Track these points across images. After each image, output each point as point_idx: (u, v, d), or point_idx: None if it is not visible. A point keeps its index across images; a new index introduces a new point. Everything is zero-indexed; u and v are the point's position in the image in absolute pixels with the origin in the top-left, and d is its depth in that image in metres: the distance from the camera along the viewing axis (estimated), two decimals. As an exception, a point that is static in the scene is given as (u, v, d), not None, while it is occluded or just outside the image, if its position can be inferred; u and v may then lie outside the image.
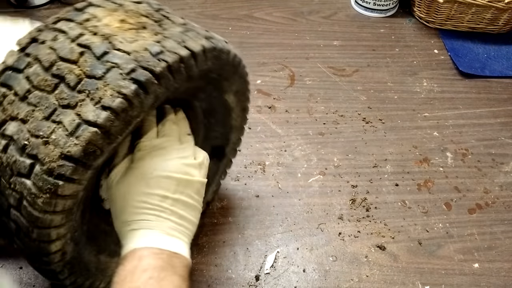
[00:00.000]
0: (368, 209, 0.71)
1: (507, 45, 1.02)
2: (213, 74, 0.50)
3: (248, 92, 0.59)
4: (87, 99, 0.38)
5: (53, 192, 0.38)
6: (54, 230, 0.40)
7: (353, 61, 0.96)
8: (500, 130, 0.85)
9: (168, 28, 0.44)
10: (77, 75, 0.39)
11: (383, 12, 1.07)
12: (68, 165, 0.38)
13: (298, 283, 0.62)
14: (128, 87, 0.38)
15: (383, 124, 0.84)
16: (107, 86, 0.38)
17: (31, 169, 0.38)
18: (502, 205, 0.73)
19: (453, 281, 0.63)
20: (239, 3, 1.08)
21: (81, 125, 0.38)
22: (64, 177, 0.38)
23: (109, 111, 0.38)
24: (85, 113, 0.38)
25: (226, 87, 0.54)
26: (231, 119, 0.61)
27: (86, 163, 0.38)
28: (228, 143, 0.64)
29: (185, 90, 0.48)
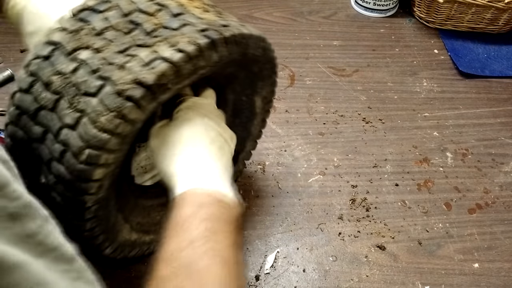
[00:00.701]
0: (368, 209, 0.71)
1: (507, 45, 1.02)
2: (255, 67, 0.54)
3: (271, 103, 0.64)
4: (164, 41, 0.41)
5: (119, 111, 0.39)
6: (106, 153, 0.41)
7: (353, 61, 0.96)
8: (500, 130, 0.85)
9: (226, 17, 0.49)
10: (155, 23, 0.43)
11: (383, 12, 1.07)
12: (139, 89, 0.40)
13: (298, 283, 0.62)
14: (202, 39, 0.42)
15: (383, 124, 0.84)
16: (184, 35, 0.42)
17: (100, 89, 0.40)
18: (502, 205, 0.73)
19: (453, 281, 0.63)
20: (239, 3, 1.08)
21: (157, 59, 0.40)
22: (133, 99, 0.40)
23: (184, 53, 0.41)
24: (162, 51, 0.41)
25: (259, 88, 0.59)
26: (252, 125, 0.64)
27: (156, 92, 0.41)
28: (243, 150, 0.66)
29: (228, 75, 0.54)
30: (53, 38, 0.43)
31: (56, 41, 0.43)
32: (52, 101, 0.42)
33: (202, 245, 0.38)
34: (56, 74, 0.42)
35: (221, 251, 0.39)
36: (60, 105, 0.41)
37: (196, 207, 0.41)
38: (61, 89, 0.41)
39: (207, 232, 0.39)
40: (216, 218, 0.41)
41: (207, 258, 0.38)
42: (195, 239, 0.39)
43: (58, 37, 0.43)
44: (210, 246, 0.39)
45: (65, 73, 0.41)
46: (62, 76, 0.41)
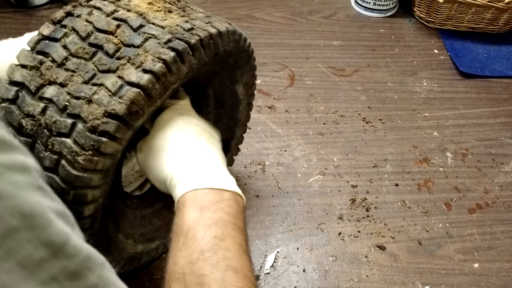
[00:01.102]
0: (368, 209, 0.71)
1: (507, 45, 1.02)
2: (230, 59, 0.53)
3: (254, 86, 0.62)
4: (128, 64, 0.40)
5: (96, 149, 0.39)
6: (91, 191, 0.41)
7: (353, 61, 0.96)
8: (500, 130, 0.85)
9: (191, 13, 0.46)
10: (115, 43, 0.41)
11: (383, 12, 1.07)
12: (112, 123, 0.39)
13: (298, 283, 0.62)
14: (167, 54, 0.41)
15: (383, 124, 0.84)
16: (147, 52, 0.41)
17: (72, 128, 0.39)
18: (502, 205, 0.73)
19: (453, 281, 0.63)
20: (239, 3, 1.08)
21: (124, 86, 0.39)
22: (108, 134, 0.39)
23: (151, 74, 0.40)
24: (128, 75, 0.40)
25: (238, 76, 0.57)
26: (238, 112, 0.63)
27: (129, 122, 0.40)
28: (233, 138, 0.66)
29: (204, 74, 0.52)
30: (15, 78, 0.41)
31: (18, 81, 0.41)
32: (27, 145, 0.41)
33: (213, 255, 0.38)
34: (26, 116, 0.40)
35: (233, 260, 0.38)
36: (36, 149, 0.41)
37: (199, 211, 0.41)
38: (33, 133, 0.40)
39: (216, 240, 0.39)
40: (221, 221, 0.40)
41: (219, 272, 0.37)
42: (204, 249, 0.38)
43: (19, 76, 0.41)
44: (221, 256, 0.38)
45: (34, 115, 0.40)
46: (31, 118, 0.40)
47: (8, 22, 0.97)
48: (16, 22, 0.97)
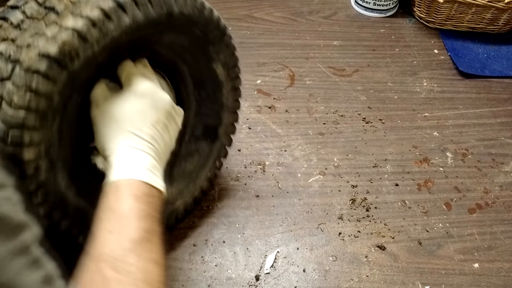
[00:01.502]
0: (368, 209, 0.71)
1: (507, 45, 1.02)
2: (197, 30, 0.53)
3: (237, 68, 0.62)
4: (69, 15, 0.43)
5: (28, 87, 0.41)
6: (28, 132, 0.42)
7: (353, 61, 0.96)
8: (500, 130, 0.85)
9: None
10: (65, 3, 0.44)
11: (383, 12, 1.07)
12: (44, 61, 0.41)
13: (298, 283, 0.62)
14: (107, 3, 0.43)
15: (383, 124, 0.84)
16: (88, 4, 0.43)
17: (12, 71, 0.42)
18: (502, 205, 0.73)
19: (453, 281, 0.63)
20: (239, 3, 1.08)
21: (61, 31, 0.42)
22: (40, 72, 0.41)
23: (86, 19, 0.42)
24: (66, 22, 0.42)
25: (213, 53, 0.58)
26: (221, 95, 0.63)
27: (62, 62, 0.42)
28: (220, 124, 0.65)
29: (170, 44, 0.54)
30: None
31: None
32: None
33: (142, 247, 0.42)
34: None
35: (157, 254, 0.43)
36: None
37: (133, 201, 0.44)
38: None
39: (145, 233, 0.43)
40: (151, 216, 0.44)
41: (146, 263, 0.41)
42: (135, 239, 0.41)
43: None
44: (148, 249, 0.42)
45: None
46: None
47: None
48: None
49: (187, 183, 0.66)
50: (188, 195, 0.66)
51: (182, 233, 0.66)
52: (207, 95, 0.63)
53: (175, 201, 0.64)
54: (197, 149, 0.66)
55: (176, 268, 0.62)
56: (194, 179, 0.66)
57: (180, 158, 0.65)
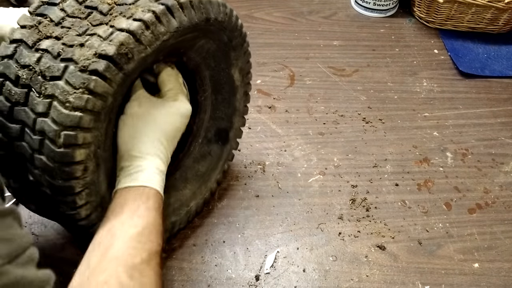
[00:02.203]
0: (368, 209, 0.71)
1: (507, 45, 1.02)
2: (224, 35, 0.55)
3: (250, 75, 0.64)
4: (119, 16, 0.43)
5: (86, 87, 0.40)
6: (81, 132, 0.42)
7: (353, 61, 0.96)
8: (500, 130, 0.85)
9: None
10: (109, 3, 0.44)
11: (383, 12, 1.07)
12: (102, 62, 0.41)
13: (298, 283, 0.62)
14: (157, 6, 0.44)
15: (383, 124, 0.84)
16: (138, 7, 0.44)
17: (64, 70, 0.41)
18: (502, 205, 0.73)
19: (453, 281, 0.63)
20: (239, 3, 1.08)
21: (115, 32, 0.42)
22: (98, 73, 0.41)
23: (140, 22, 0.42)
24: (118, 23, 0.42)
25: (233, 59, 0.59)
26: (235, 99, 0.64)
27: (119, 63, 0.42)
28: (232, 127, 0.67)
29: (199, 49, 0.55)
30: (14, 36, 0.44)
31: (17, 39, 0.44)
32: (23, 95, 0.42)
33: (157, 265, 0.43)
34: (22, 68, 0.42)
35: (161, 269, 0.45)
36: (30, 97, 0.42)
37: (158, 216, 0.46)
38: (28, 82, 0.42)
39: (160, 249, 0.45)
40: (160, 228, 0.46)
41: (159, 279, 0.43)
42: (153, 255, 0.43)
43: (19, 34, 0.44)
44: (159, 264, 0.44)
45: (29, 65, 0.42)
46: (27, 68, 0.42)
47: None
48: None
49: (199, 185, 0.66)
50: (200, 197, 0.66)
51: (182, 233, 0.66)
52: (223, 99, 0.65)
53: (189, 203, 0.65)
54: (209, 152, 0.67)
55: (176, 268, 0.62)
56: (206, 181, 0.67)
57: (194, 160, 0.67)
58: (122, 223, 0.43)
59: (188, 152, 0.66)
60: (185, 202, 0.64)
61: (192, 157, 0.67)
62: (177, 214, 0.63)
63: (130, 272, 0.40)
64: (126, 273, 0.40)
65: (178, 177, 0.65)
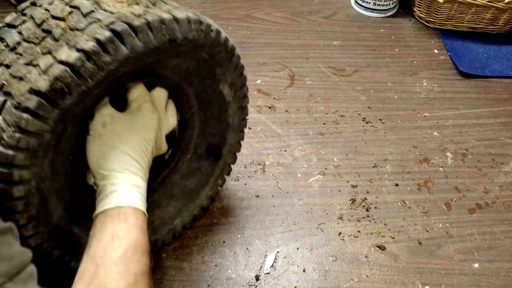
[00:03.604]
0: (368, 209, 0.71)
1: (507, 45, 1.02)
2: (203, 53, 0.50)
3: (245, 88, 0.59)
4: (64, 45, 0.40)
5: (18, 125, 0.39)
6: (17, 170, 0.40)
7: (353, 61, 0.96)
8: (500, 130, 0.85)
9: (159, 6, 0.46)
10: (63, 28, 0.41)
11: (383, 12, 1.07)
12: (34, 99, 0.39)
13: (298, 283, 0.62)
14: (103, 33, 0.40)
15: (383, 124, 0.84)
16: (85, 34, 0.40)
17: (3, 105, 0.40)
18: (502, 205, 0.73)
19: (453, 281, 0.63)
20: (239, 3, 1.08)
21: (54, 64, 0.39)
22: (30, 111, 0.39)
23: (81, 53, 0.39)
24: (60, 54, 0.40)
25: (219, 75, 0.55)
26: (227, 115, 0.60)
27: (53, 99, 0.39)
28: (225, 143, 0.63)
29: (175, 68, 0.51)
30: None
31: None
32: None
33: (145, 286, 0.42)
34: None
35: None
36: None
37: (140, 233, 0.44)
38: None
39: (148, 269, 0.43)
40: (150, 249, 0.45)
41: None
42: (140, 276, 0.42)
43: None
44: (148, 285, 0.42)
45: None
46: None
47: (8, 22, 0.97)
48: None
49: (186, 202, 0.64)
50: (187, 214, 0.64)
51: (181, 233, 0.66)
52: (212, 115, 0.61)
53: (173, 221, 0.63)
54: (199, 168, 0.64)
55: (176, 268, 0.62)
56: (194, 198, 0.65)
57: (181, 176, 0.64)
58: (104, 249, 0.42)
59: (175, 168, 0.64)
60: (168, 220, 0.62)
61: (180, 173, 0.64)
62: (158, 232, 0.61)
63: None
64: None
65: (161, 194, 0.63)
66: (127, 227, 0.43)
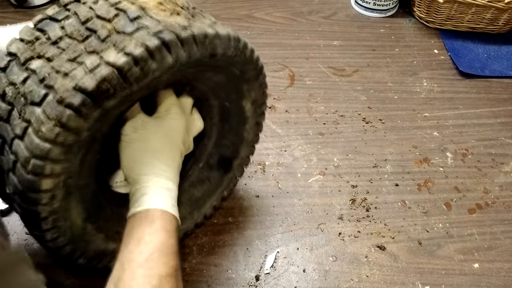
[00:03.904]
0: (368, 209, 0.71)
1: (507, 45, 1.02)
2: (235, 69, 0.52)
3: (264, 106, 0.61)
4: (112, 47, 0.41)
5: (59, 120, 0.39)
6: (50, 164, 0.41)
7: (353, 61, 0.96)
8: (500, 130, 0.85)
9: (198, 19, 0.46)
10: (108, 30, 0.42)
11: (383, 12, 1.07)
12: (79, 96, 0.39)
13: (298, 283, 0.62)
14: (152, 41, 0.41)
15: (383, 124, 0.84)
16: (134, 38, 0.41)
17: (44, 98, 0.40)
18: (502, 205, 0.73)
19: (453, 281, 0.63)
20: (239, 3, 1.08)
21: (101, 65, 0.40)
22: (73, 107, 0.39)
23: (129, 57, 0.40)
24: (108, 56, 0.40)
25: (245, 91, 0.57)
26: (244, 130, 0.62)
27: (97, 99, 0.40)
28: (237, 157, 0.65)
29: (207, 81, 0.53)
30: (11, 49, 0.43)
31: (12, 52, 0.43)
32: (6, 111, 0.42)
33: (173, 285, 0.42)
34: (10, 84, 0.42)
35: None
36: (12, 116, 0.42)
37: (167, 236, 0.44)
38: (13, 100, 0.41)
39: (175, 272, 0.44)
40: (178, 252, 0.46)
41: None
42: (165, 279, 0.42)
43: (15, 48, 0.43)
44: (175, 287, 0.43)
45: (16, 83, 0.41)
46: (14, 86, 0.42)
47: (8, 22, 0.97)
48: (16, 22, 0.97)
49: (192, 210, 0.65)
50: (191, 221, 0.65)
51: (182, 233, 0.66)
52: (230, 128, 0.62)
53: None
54: (208, 178, 0.65)
55: (176, 268, 0.62)
56: (199, 206, 0.65)
57: (190, 184, 0.65)
58: (130, 252, 0.42)
59: (185, 176, 0.64)
60: None
61: (189, 181, 0.65)
62: None
63: None
64: None
65: None
66: (154, 230, 0.44)
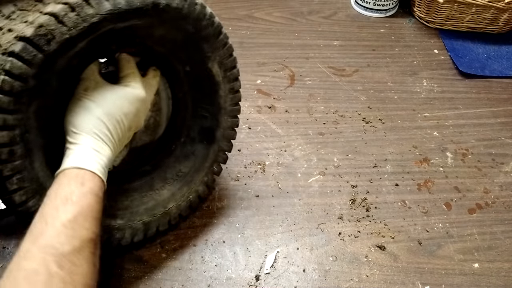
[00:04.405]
0: (368, 209, 0.71)
1: (507, 45, 1.02)
2: (188, 26, 0.53)
3: (235, 70, 0.61)
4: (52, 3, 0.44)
5: (3, 68, 0.42)
6: (1, 114, 0.42)
7: (353, 61, 0.96)
8: (500, 130, 0.85)
9: None
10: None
11: (383, 12, 1.07)
12: (19, 43, 0.42)
13: (298, 283, 0.62)
14: None
15: (383, 124, 0.84)
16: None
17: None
18: (502, 205, 0.73)
19: (453, 281, 0.63)
20: (239, 3, 1.08)
21: (40, 16, 0.43)
22: (15, 54, 0.42)
23: (65, 4, 0.43)
24: (47, 9, 0.44)
25: (208, 52, 0.57)
26: (218, 96, 0.62)
27: (38, 44, 0.42)
28: (218, 126, 0.64)
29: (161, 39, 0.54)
30: None
31: None
32: None
33: (91, 254, 0.43)
34: None
35: (98, 258, 0.44)
36: None
37: (94, 201, 0.44)
38: None
39: (96, 237, 0.44)
40: (101, 219, 0.46)
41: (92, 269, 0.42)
42: (86, 242, 0.42)
43: None
44: (94, 253, 0.43)
45: None
46: None
47: None
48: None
49: (180, 186, 0.64)
50: (182, 199, 0.64)
51: (182, 233, 0.66)
52: (204, 96, 0.62)
53: (167, 204, 0.63)
54: (192, 152, 0.65)
55: (176, 268, 0.62)
56: (188, 182, 0.65)
57: (175, 160, 0.65)
58: (56, 209, 0.42)
59: (169, 151, 0.65)
60: (162, 203, 0.62)
61: (174, 157, 0.65)
62: (152, 214, 0.61)
63: (60, 261, 0.39)
64: (56, 263, 0.39)
65: (155, 176, 0.64)
66: (82, 192, 0.44)
